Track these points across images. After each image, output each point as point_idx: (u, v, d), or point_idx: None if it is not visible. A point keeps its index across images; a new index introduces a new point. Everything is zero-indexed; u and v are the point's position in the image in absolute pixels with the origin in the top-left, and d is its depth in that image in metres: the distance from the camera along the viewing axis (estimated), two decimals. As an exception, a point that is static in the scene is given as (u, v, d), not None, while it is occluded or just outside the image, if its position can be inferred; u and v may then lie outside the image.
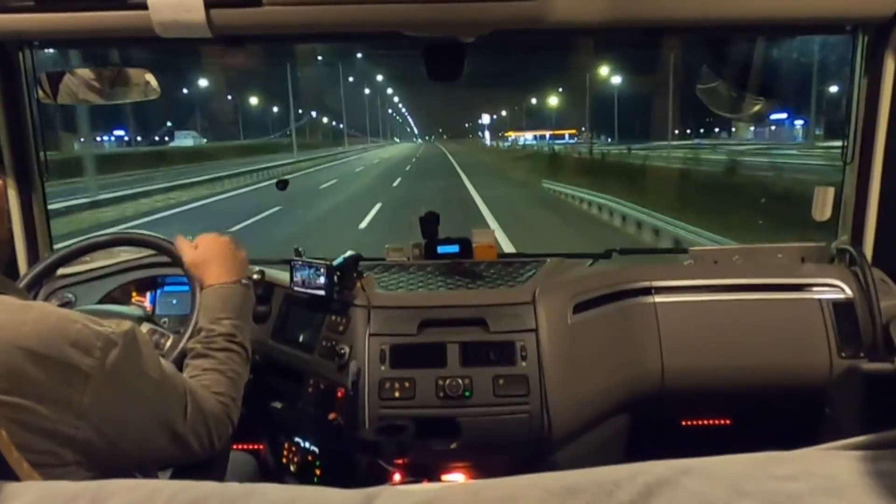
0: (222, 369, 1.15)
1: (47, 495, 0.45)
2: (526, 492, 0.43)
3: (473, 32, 1.50)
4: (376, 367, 1.48)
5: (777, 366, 1.60)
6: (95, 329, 0.85)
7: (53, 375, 0.79)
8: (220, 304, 1.23)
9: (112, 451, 0.85)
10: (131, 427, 0.89)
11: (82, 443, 0.81)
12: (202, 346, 1.17)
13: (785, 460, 0.44)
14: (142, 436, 0.92)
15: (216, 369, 1.15)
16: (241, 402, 1.18)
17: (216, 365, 1.15)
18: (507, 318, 1.53)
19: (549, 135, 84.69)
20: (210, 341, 1.18)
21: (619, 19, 1.43)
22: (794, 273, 1.71)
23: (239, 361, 1.19)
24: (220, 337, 1.19)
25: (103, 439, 0.84)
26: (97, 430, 0.83)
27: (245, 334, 1.24)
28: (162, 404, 0.96)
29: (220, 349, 1.17)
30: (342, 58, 68.57)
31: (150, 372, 0.94)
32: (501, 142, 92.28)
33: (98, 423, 0.83)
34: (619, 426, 1.65)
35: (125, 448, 0.88)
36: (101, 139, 45.39)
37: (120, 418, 0.87)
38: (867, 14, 1.49)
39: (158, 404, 0.95)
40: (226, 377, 1.15)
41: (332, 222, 12.57)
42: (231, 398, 1.14)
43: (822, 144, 26.41)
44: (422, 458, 1.43)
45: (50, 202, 1.84)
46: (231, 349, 1.19)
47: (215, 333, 1.19)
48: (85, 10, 1.42)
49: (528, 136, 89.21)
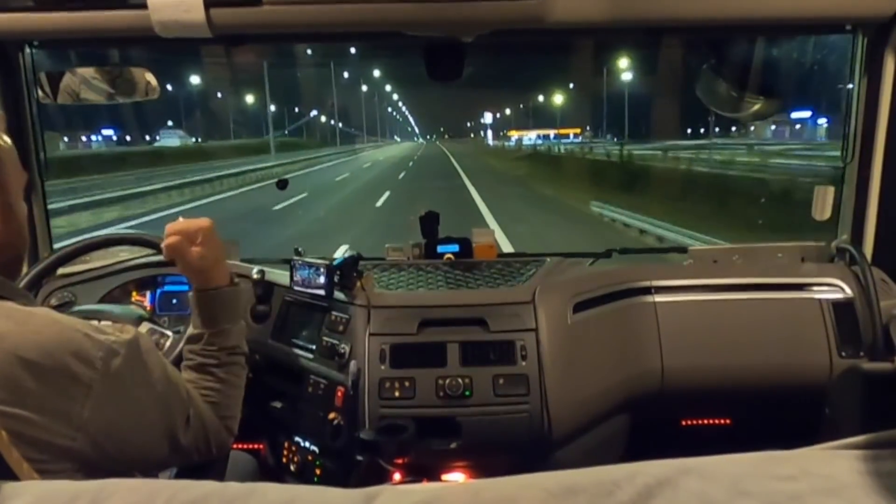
0: (223, 389, 1.14)
1: (47, 495, 0.45)
2: (526, 492, 0.43)
3: (473, 32, 1.50)
4: (376, 366, 1.48)
5: (777, 366, 1.60)
6: (97, 339, 0.84)
7: (53, 386, 0.78)
8: (220, 312, 1.19)
9: (110, 461, 0.84)
10: (131, 438, 0.88)
11: (80, 454, 0.80)
12: (201, 360, 1.15)
13: (785, 460, 0.44)
14: (142, 445, 0.91)
15: (218, 390, 1.13)
16: (242, 403, 1.18)
17: (217, 385, 1.14)
18: (507, 317, 1.52)
19: (553, 134, 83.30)
20: (210, 356, 1.16)
21: (619, 19, 1.43)
22: (793, 273, 1.71)
23: (239, 372, 1.19)
24: (222, 352, 1.17)
25: (101, 451, 0.82)
26: (95, 442, 0.81)
27: (243, 334, 1.23)
28: (164, 414, 0.95)
29: (222, 364, 1.16)
30: (337, 55, 66.96)
31: (153, 381, 0.92)
32: (504, 141, 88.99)
33: (96, 436, 0.81)
34: (619, 426, 1.65)
35: (124, 458, 0.87)
36: (89, 138, 44.50)
37: (119, 430, 0.85)
38: (867, 14, 1.49)
39: (160, 414, 0.94)
40: (227, 396, 1.14)
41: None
42: (233, 416, 1.14)
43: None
44: (422, 458, 1.43)
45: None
46: (233, 362, 1.18)
47: (216, 347, 1.16)
48: (85, 10, 1.42)
49: (532, 136, 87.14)
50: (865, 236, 1.69)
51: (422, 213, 1.95)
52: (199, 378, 1.14)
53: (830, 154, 19.75)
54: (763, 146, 34.91)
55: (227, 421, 1.12)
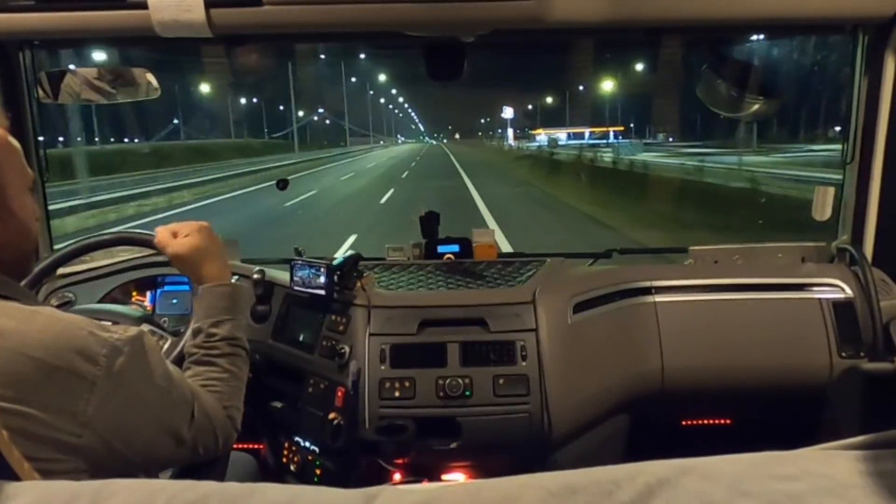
0: (226, 378, 1.14)
1: (47, 495, 0.45)
2: (526, 492, 0.43)
3: (473, 32, 1.51)
4: (376, 366, 1.48)
5: (777, 366, 1.60)
6: (102, 336, 0.84)
7: (58, 384, 0.79)
8: (220, 306, 1.20)
9: (116, 458, 0.85)
10: (136, 434, 0.89)
11: (85, 451, 0.81)
12: (203, 353, 1.16)
13: (785, 460, 0.44)
14: (147, 442, 0.92)
15: (221, 378, 1.14)
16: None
17: (220, 374, 1.14)
18: (508, 317, 1.53)
19: (587, 132, 65.45)
20: (212, 346, 1.16)
21: (619, 19, 1.43)
22: (794, 273, 1.71)
23: (241, 364, 1.19)
24: (223, 342, 1.17)
25: (107, 448, 0.83)
26: (101, 438, 0.82)
27: (244, 332, 1.23)
28: (168, 411, 0.96)
29: (223, 355, 1.16)
30: (328, 47, 60.91)
31: (157, 378, 0.93)
32: (527, 142, 70.02)
33: (102, 432, 0.82)
34: (619, 426, 1.65)
35: (130, 455, 0.87)
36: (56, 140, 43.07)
37: (125, 426, 0.86)
38: (867, 14, 1.49)
39: (164, 411, 0.95)
40: (230, 385, 1.14)
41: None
42: (237, 407, 1.14)
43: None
44: (422, 458, 1.43)
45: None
46: (234, 353, 1.18)
47: (217, 338, 1.17)
48: (85, 10, 1.42)
49: (562, 135, 66.95)
50: (865, 236, 1.70)
51: (422, 213, 1.95)
52: (203, 370, 1.14)
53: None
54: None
55: (230, 411, 1.11)
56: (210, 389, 1.11)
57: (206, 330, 1.18)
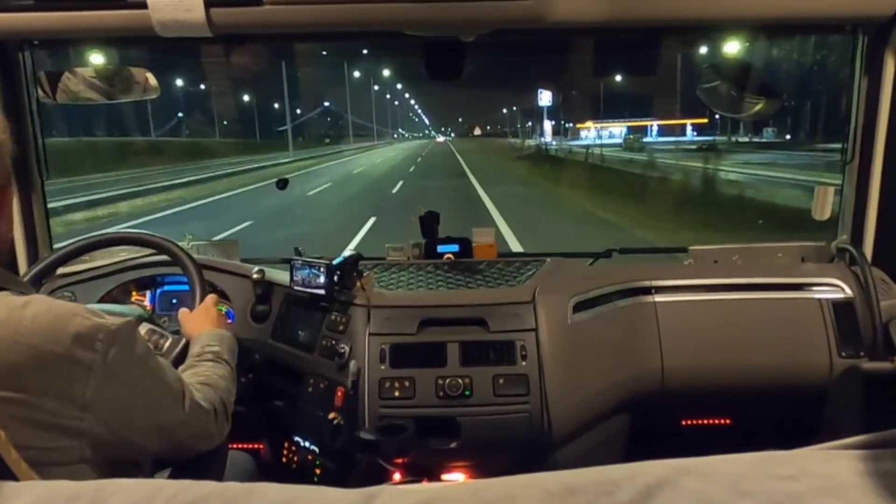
0: (217, 376, 1.22)
1: (47, 495, 0.45)
2: (526, 492, 0.43)
3: (473, 31, 1.51)
4: (376, 366, 1.48)
5: (777, 365, 1.60)
6: (96, 321, 0.86)
7: (55, 370, 0.80)
8: (207, 338, 1.32)
9: (120, 441, 0.87)
10: (136, 416, 0.91)
11: (90, 434, 0.82)
12: (193, 360, 1.26)
13: (785, 460, 0.44)
14: (146, 425, 0.94)
15: (209, 373, 1.21)
16: (241, 402, 1.19)
17: (207, 371, 1.22)
18: (507, 317, 1.52)
19: (655, 126, 51.14)
20: (199, 358, 1.26)
21: (619, 19, 1.43)
22: (794, 273, 1.71)
23: (224, 373, 1.25)
24: (209, 353, 1.28)
25: (110, 430, 0.85)
26: (103, 421, 0.84)
27: (232, 357, 1.32)
28: (163, 394, 0.99)
29: (207, 360, 1.26)
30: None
31: (150, 362, 0.96)
32: (567, 139, 54.02)
33: (103, 415, 0.84)
34: (619, 426, 1.65)
35: (132, 437, 0.90)
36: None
37: (124, 408, 0.88)
38: (867, 14, 1.49)
39: (159, 394, 0.98)
40: (218, 376, 1.22)
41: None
42: (229, 401, 1.19)
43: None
44: (422, 458, 1.43)
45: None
46: (218, 361, 1.27)
47: (205, 352, 1.28)
48: (85, 10, 1.42)
49: (615, 131, 52.37)
50: (865, 236, 1.70)
51: (422, 213, 1.95)
52: (192, 371, 1.22)
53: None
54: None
55: (223, 401, 1.16)
56: (204, 382, 1.17)
57: (196, 352, 1.28)
